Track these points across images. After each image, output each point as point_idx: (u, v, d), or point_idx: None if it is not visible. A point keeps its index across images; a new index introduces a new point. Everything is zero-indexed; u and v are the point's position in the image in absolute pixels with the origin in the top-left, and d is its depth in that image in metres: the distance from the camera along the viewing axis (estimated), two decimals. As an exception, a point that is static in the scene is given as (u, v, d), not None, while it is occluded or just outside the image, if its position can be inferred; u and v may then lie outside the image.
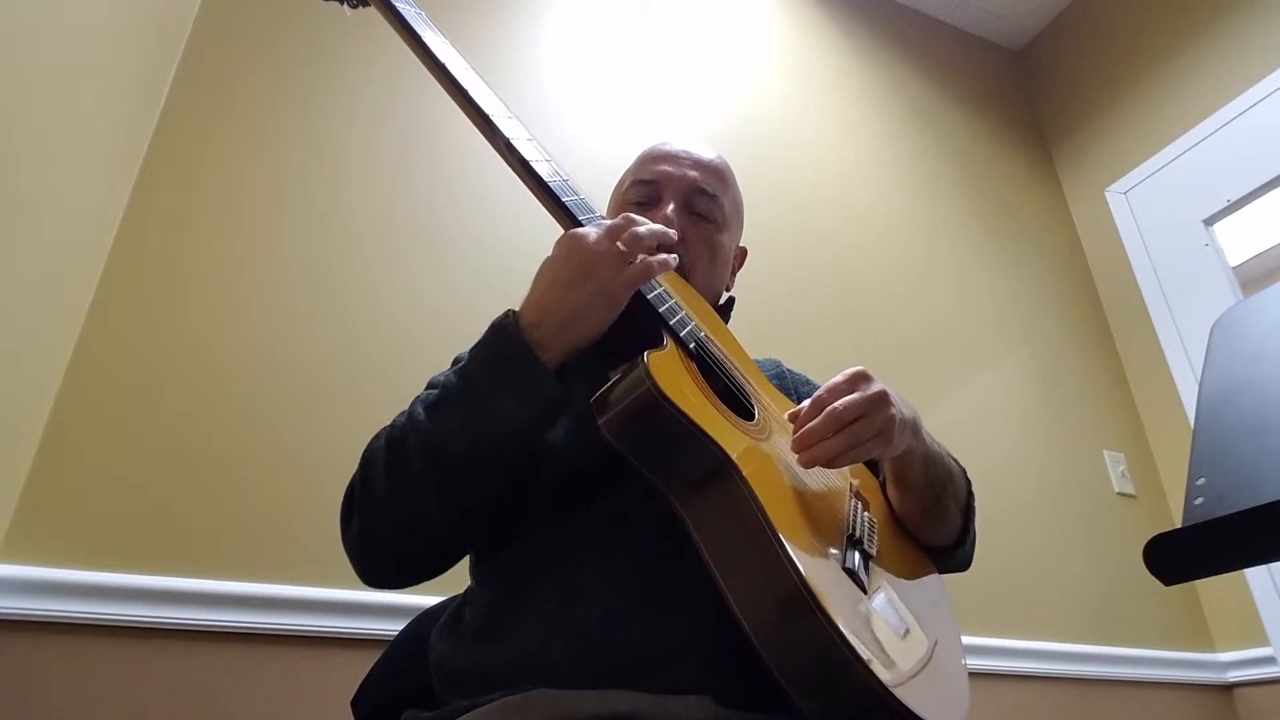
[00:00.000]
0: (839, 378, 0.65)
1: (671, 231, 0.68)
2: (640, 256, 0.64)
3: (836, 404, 0.62)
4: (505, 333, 0.62)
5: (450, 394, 0.63)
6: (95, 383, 1.16)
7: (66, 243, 1.10)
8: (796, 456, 0.62)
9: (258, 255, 1.36)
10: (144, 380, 1.19)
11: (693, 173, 0.86)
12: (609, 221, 0.66)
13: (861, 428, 0.62)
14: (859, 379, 0.65)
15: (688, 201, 0.85)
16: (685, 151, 0.89)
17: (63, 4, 0.98)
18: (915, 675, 0.54)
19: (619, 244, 0.63)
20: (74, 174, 1.08)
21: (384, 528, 0.65)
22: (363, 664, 0.80)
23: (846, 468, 0.77)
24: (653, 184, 0.86)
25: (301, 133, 1.49)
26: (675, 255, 0.68)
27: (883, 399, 0.64)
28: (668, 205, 0.83)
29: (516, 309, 0.65)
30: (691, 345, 0.68)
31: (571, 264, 0.63)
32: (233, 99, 1.45)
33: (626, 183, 0.90)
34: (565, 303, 0.62)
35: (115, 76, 1.18)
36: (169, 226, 1.30)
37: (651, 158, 0.90)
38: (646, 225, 0.65)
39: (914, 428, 0.70)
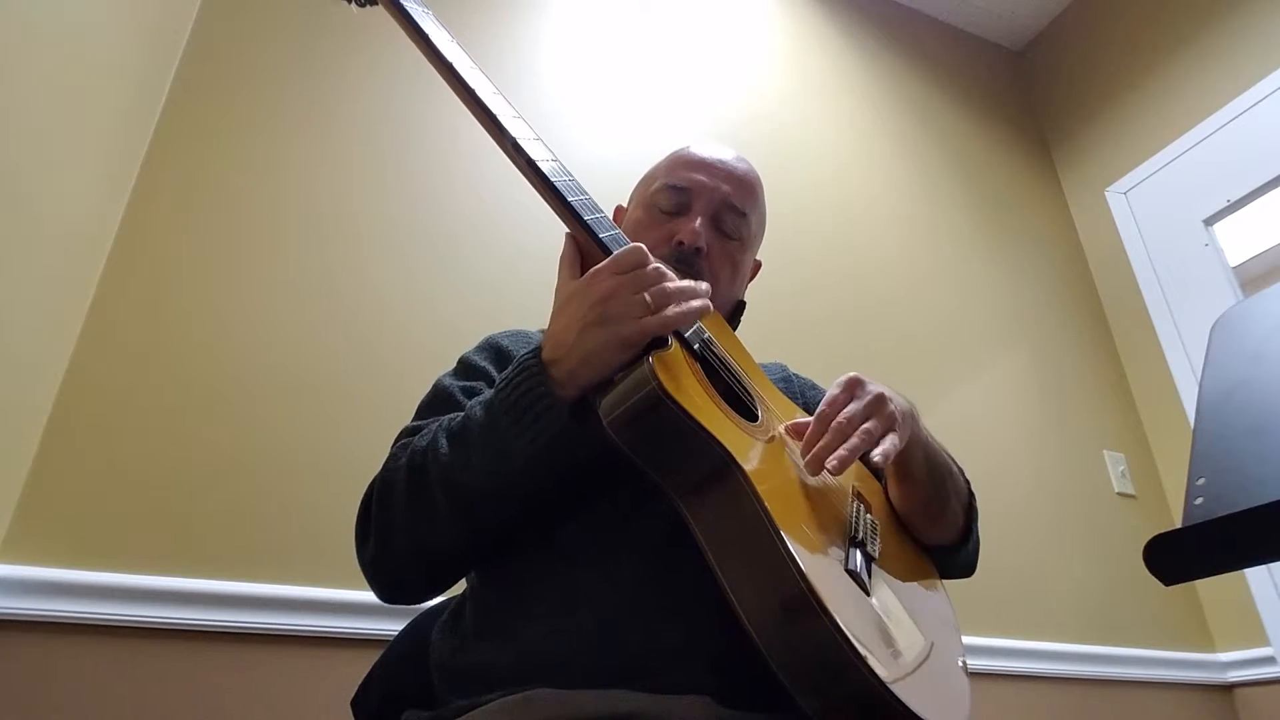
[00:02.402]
0: (835, 389, 0.66)
1: (704, 287, 0.65)
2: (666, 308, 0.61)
3: (840, 416, 0.63)
4: (529, 371, 0.62)
5: (472, 427, 0.63)
6: (95, 383, 1.16)
7: (66, 243, 1.10)
8: (813, 467, 0.62)
9: (257, 255, 1.36)
10: (144, 380, 1.19)
11: (725, 186, 0.84)
12: (640, 268, 0.61)
13: (873, 428, 0.63)
14: (855, 385, 0.66)
15: (717, 216, 0.83)
16: (719, 161, 0.86)
17: (62, 4, 0.98)
18: (915, 675, 0.54)
19: (646, 295, 0.60)
20: (74, 174, 1.08)
21: (402, 548, 0.65)
22: (363, 664, 0.80)
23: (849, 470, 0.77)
24: (684, 191, 0.84)
25: (302, 132, 1.49)
26: (703, 302, 0.64)
27: (882, 399, 0.65)
28: (696, 219, 0.82)
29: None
30: (696, 346, 0.67)
31: (589, 305, 0.61)
32: (233, 99, 1.45)
33: (655, 184, 0.87)
34: (580, 345, 0.60)
35: (115, 77, 1.18)
36: (169, 227, 1.30)
37: (685, 163, 0.87)
38: (676, 283, 0.62)
39: (913, 419, 0.71)
